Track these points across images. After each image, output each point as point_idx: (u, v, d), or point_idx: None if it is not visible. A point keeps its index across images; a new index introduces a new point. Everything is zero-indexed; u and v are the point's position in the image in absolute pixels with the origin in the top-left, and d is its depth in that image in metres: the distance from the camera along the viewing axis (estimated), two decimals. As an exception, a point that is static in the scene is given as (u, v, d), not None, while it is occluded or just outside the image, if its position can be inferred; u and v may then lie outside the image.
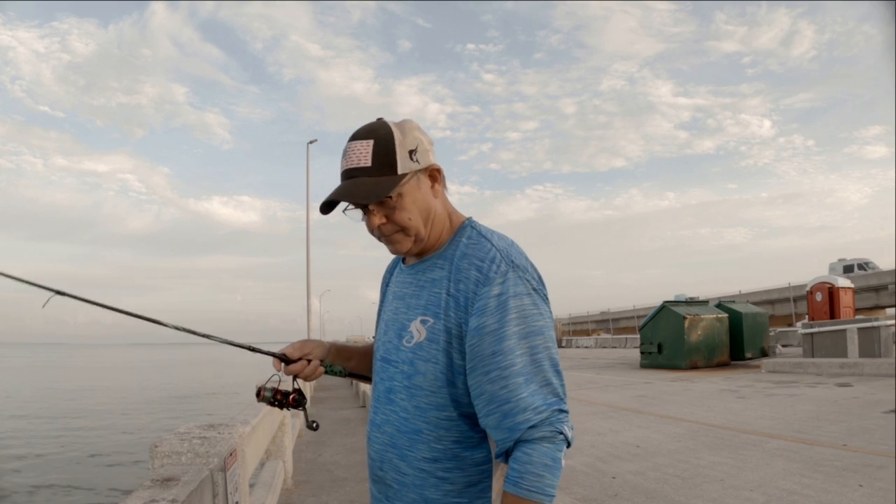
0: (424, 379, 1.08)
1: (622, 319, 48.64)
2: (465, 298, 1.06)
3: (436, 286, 1.11)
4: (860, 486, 4.48)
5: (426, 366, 1.08)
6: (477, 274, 1.05)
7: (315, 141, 27.67)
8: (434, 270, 1.13)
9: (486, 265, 1.06)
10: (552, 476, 0.99)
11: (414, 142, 1.11)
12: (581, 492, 4.68)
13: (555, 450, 0.99)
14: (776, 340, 21.11)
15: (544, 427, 0.99)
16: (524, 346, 1.01)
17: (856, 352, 14.28)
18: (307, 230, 26.88)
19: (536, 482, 0.97)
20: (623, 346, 33.64)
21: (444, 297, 1.08)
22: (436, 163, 1.16)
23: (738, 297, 33.64)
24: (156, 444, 1.83)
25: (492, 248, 1.08)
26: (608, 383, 13.55)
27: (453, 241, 1.14)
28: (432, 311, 1.09)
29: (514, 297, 1.03)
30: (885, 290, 28.97)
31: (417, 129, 1.15)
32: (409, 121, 1.16)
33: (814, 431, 6.69)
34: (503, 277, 1.04)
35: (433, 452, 1.08)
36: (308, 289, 26.48)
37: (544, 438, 0.99)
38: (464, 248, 1.11)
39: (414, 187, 1.11)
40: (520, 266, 1.06)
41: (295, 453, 6.06)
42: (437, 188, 1.16)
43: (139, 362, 65.93)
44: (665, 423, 7.73)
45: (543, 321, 1.05)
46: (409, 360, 1.11)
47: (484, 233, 1.13)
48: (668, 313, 17.06)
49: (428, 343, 1.08)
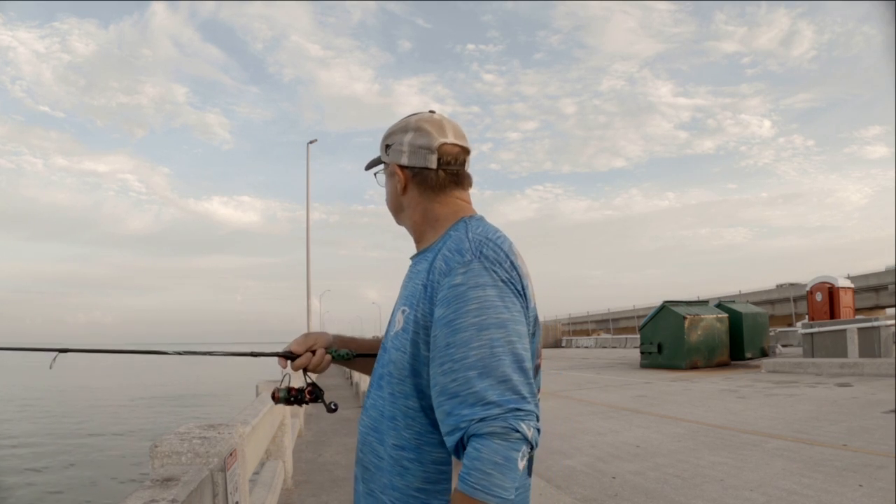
0: (395, 367, 1.10)
1: (622, 319, 48.73)
2: (433, 289, 1.07)
3: (418, 277, 1.13)
4: (860, 486, 4.48)
5: (397, 354, 1.10)
6: (443, 265, 1.06)
7: (315, 141, 27.76)
8: (421, 263, 1.16)
9: (452, 255, 1.06)
10: (502, 476, 0.92)
11: (394, 139, 1.21)
12: (581, 492, 4.68)
13: (508, 448, 0.92)
14: (776, 340, 21.12)
15: (495, 422, 0.93)
16: (482, 338, 0.98)
17: (856, 352, 14.28)
18: (307, 230, 26.92)
19: (483, 480, 0.91)
20: (623, 346, 33.65)
21: (420, 287, 1.10)
22: (406, 163, 1.19)
23: (738, 297, 33.67)
24: (156, 444, 1.83)
25: (464, 240, 1.08)
26: (608, 383, 13.56)
27: (443, 237, 1.16)
28: (410, 301, 1.12)
29: (475, 287, 1.01)
30: (885, 290, 29.01)
31: (418, 129, 1.18)
32: (420, 120, 1.20)
33: (814, 431, 6.69)
34: (466, 268, 1.02)
35: (401, 440, 1.08)
36: (308, 289, 26.54)
37: (495, 434, 0.92)
38: (446, 245, 1.12)
39: (387, 176, 1.26)
40: (488, 257, 1.04)
41: (295, 453, 6.07)
42: (408, 186, 1.21)
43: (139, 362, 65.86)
44: (665, 423, 7.73)
45: (509, 314, 1.01)
46: (391, 346, 1.13)
47: (469, 227, 1.13)
48: (668, 313, 17.07)
49: (402, 332, 1.10)
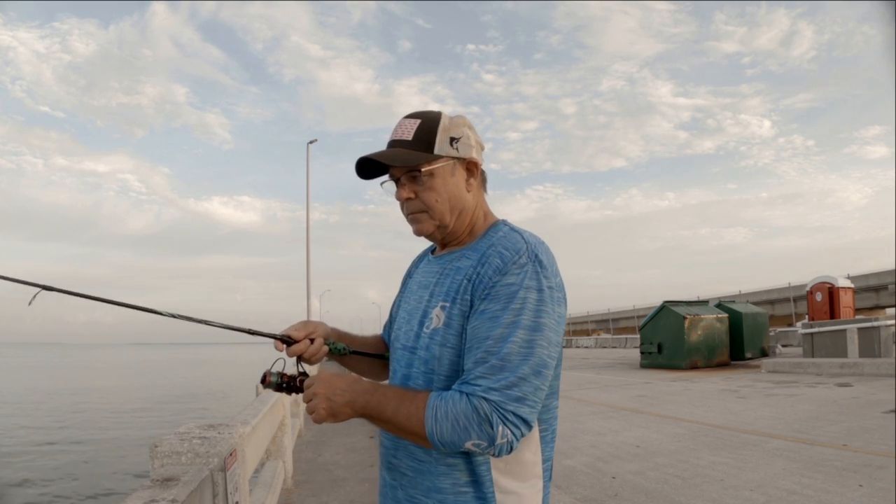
0: (440, 364, 1.09)
1: (622, 319, 48.69)
2: (482, 283, 1.07)
3: (459, 273, 1.12)
4: (860, 486, 4.48)
5: (442, 350, 1.09)
6: (499, 262, 1.07)
7: (315, 141, 27.79)
8: (462, 260, 1.15)
9: (509, 254, 1.07)
10: (451, 430, 0.97)
11: (459, 132, 1.15)
12: (581, 492, 4.68)
13: (477, 421, 0.96)
14: (776, 340, 21.11)
15: (484, 404, 0.96)
16: (517, 337, 1.00)
17: (856, 352, 14.28)
18: (307, 230, 26.91)
19: (442, 419, 0.97)
20: (623, 346, 33.65)
21: (465, 282, 1.10)
22: (477, 159, 1.19)
23: (738, 297, 33.66)
24: (156, 444, 1.83)
25: (522, 241, 1.09)
26: (608, 383, 13.55)
27: (486, 236, 1.16)
28: (451, 296, 1.11)
29: (525, 289, 1.03)
30: (885, 290, 28.98)
31: (469, 125, 1.19)
32: (464, 117, 1.20)
33: (814, 431, 6.69)
34: (521, 269, 1.04)
35: None
36: (308, 289, 26.51)
37: (477, 411, 0.96)
38: (496, 241, 1.12)
39: (447, 172, 1.14)
40: (542, 262, 1.06)
41: (295, 453, 6.06)
42: (473, 183, 1.19)
43: (137, 362, 65.93)
44: (665, 423, 7.73)
45: (547, 319, 1.03)
46: (426, 345, 1.12)
47: (517, 229, 1.16)
48: (668, 313, 17.07)
49: (444, 328, 1.09)
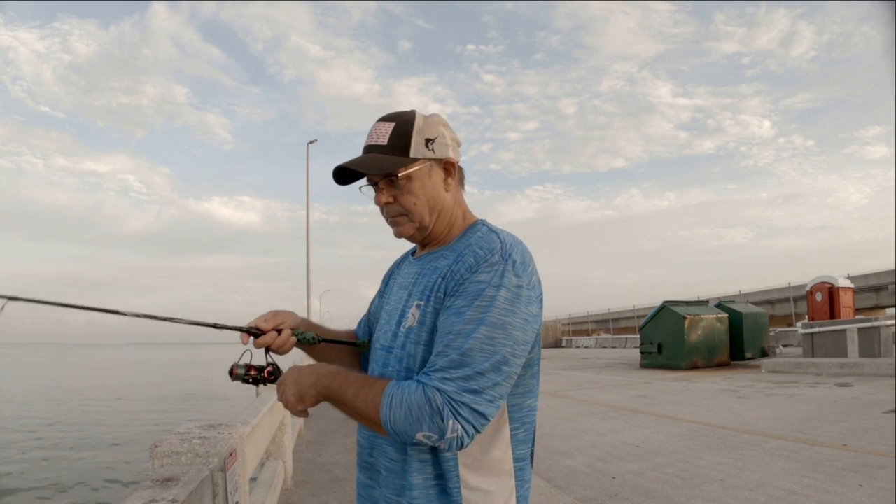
0: (415, 361, 1.09)
1: (622, 319, 48.62)
2: (454, 280, 1.07)
3: (436, 273, 1.13)
4: (860, 486, 4.48)
5: (416, 348, 1.09)
6: (472, 260, 1.07)
7: (315, 141, 27.64)
8: (440, 260, 1.15)
9: (483, 253, 1.07)
10: (404, 419, 0.96)
11: (434, 132, 1.15)
12: (581, 492, 4.68)
13: (429, 413, 0.95)
14: (776, 340, 21.10)
15: (439, 396, 0.96)
16: (480, 333, 0.99)
17: (856, 352, 14.28)
18: (307, 230, 26.88)
19: (394, 403, 0.97)
20: (623, 346, 33.64)
21: (439, 281, 1.10)
22: (454, 158, 1.19)
23: (738, 297, 33.64)
24: (156, 445, 1.83)
25: (498, 241, 1.09)
26: (608, 383, 13.55)
27: (464, 236, 1.16)
28: (426, 295, 1.11)
29: (494, 287, 1.02)
30: (885, 290, 28.96)
31: (443, 124, 1.19)
32: (438, 115, 1.19)
33: (814, 431, 6.69)
34: (491, 267, 1.04)
35: None
36: (308, 289, 26.46)
37: (430, 402, 0.95)
38: (473, 241, 1.12)
39: (424, 174, 1.14)
40: (516, 262, 1.06)
41: (295, 453, 6.06)
42: (451, 182, 1.19)
43: (137, 362, 65.96)
44: (665, 423, 7.73)
45: (513, 318, 1.02)
46: (402, 344, 1.12)
47: (495, 229, 1.16)
48: (668, 313, 17.06)
49: (419, 326, 1.10)
